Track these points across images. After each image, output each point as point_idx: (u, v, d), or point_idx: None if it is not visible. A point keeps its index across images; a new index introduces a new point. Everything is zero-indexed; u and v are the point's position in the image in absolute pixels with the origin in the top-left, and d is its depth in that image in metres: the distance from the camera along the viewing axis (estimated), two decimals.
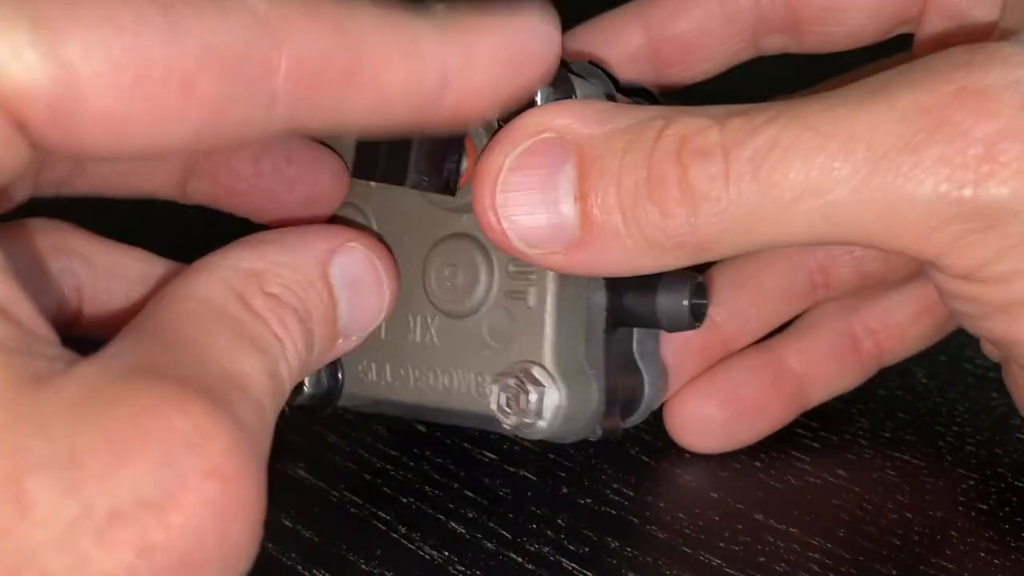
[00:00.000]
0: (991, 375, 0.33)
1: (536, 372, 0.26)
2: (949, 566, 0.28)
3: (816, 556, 0.28)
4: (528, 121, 0.24)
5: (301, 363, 0.22)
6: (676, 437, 0.32)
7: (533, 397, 0.26)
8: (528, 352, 0.26)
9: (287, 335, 0.22)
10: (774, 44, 0.31)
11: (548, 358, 0.26)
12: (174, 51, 0.18)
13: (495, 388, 0.26)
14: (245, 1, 0.18)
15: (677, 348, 0.31)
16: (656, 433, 0.33)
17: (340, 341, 0.25)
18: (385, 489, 0.31)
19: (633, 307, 0.27)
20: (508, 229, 0.24)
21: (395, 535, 0.29)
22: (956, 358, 0.36)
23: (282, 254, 0.23)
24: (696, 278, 0.27)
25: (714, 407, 0.32)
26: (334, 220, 0.29)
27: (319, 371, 0.29)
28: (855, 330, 0.33)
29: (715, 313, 0.32)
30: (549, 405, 0.26)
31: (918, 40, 0.30)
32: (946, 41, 0.29)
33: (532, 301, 0.26)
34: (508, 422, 0.26)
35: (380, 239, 0.28)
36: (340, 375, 0.29)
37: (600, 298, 0.27)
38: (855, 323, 0.33)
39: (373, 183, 0.28)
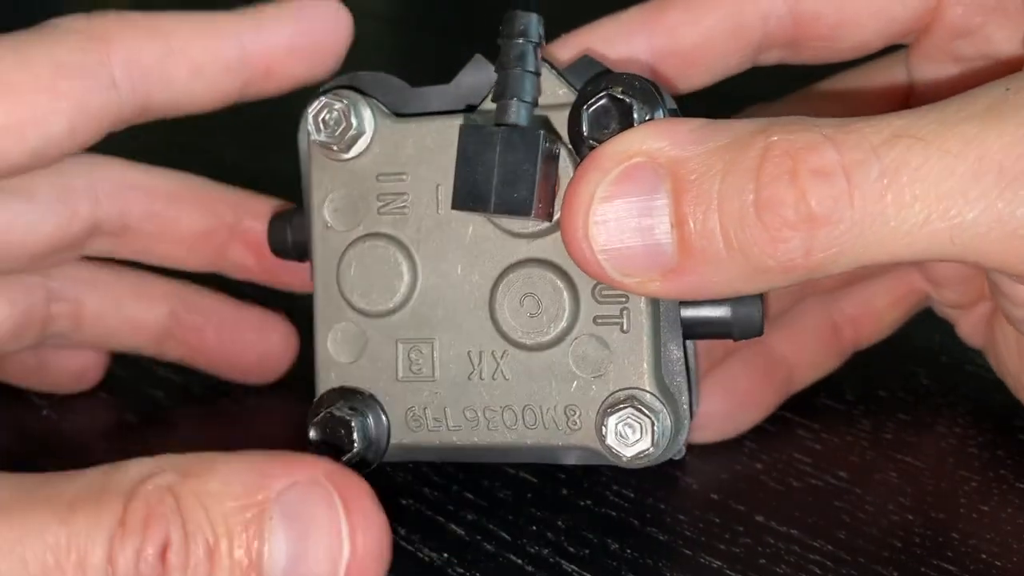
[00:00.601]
0: (993, 376, 0.33)
1: (648, 399, 0.25)
2: (951, 568, 0.28)
3: (817, 558, 0.28)
4: (617, 147, 0.23)
5: None
6: None
7: (656, 426, 0.25)
8: (630, 379, 0.25)
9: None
10: (771, 57, 0.31)
11: (652, 383, 0.25)
12: (30, 73, 0.26)
13: (611, 420, 0.25)
14: (71, 27, 0.27)
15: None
16: None
17: None
18: (384, 490, 0.31)
19: (707, 319, 0.26)
20: (602, 259, 0.23)
21: (394, 536, 0.29)
22: (958, 360, 0.36)
23: (225, 465, 0.22)
24: None
25: (716, 401, 0.32)
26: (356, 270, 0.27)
27: (366, 424, 0.26)
28: (836, 318, 0.34)
29: None
30: (662, 431, 0.25)
31: (917, 53, 0.30)
32: (952, 65, 0.30)
33: (627, 325, 0.25)
34: (627, 453, 0.25)
35: (357, 474, 0.23)
36: (387, 425, 0.27)
37: (676, 313, 0.26)
38: (836, 312, 0.34)
39: (411, 214, 0.27)
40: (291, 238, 0.29)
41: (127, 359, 0.36)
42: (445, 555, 0.28)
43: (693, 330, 0.26)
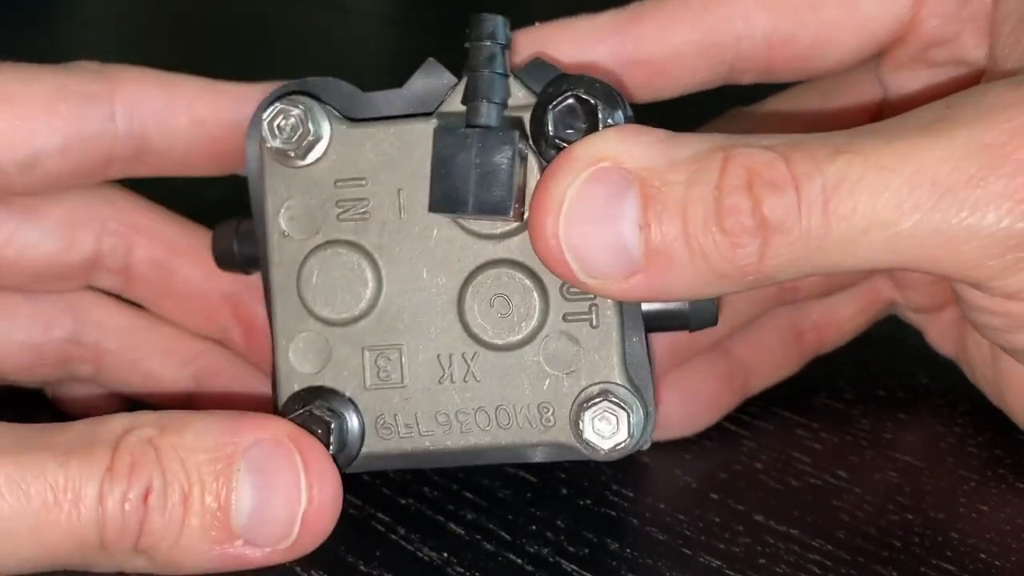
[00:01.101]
0: None
1: (620, 392, 0.26)
2: (950, 568, 0.28)
3: (816, 558, 0.28)
4: (588, 150, 0.23)
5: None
6: None
7: (632, 417, 0.25)
8: (601, 373, 0.26)
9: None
10: (746, 79, 0.31)
11: (622, 376, 0.26)
12: (37, 87, 0.28)
13: (587, 415, 0.25)
14: (85, 66, 0.29)
15: (656, 350, 0.32)
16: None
17: (239, 543, 0.24)
18: (384, 490, 0.31)
19: (667, 312, 0.27)
20: (571, 259, 0.23)
21: (394, 536, 0.29)
22: None
23: (198, 422, 0.24)
24: None
25: (675, 403, 0.33)
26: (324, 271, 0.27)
27: (343, 426, 0.26)
28: (800, 324, 0.35)
29: None
30: (636, 423, 0.26)
31: (889, 63, 0.31)
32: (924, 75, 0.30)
33: (596, 321, 0.26)
34: (605, 446, 0.25)
35: (319, 441, 0.25)
36: (361, 431, 0.27)
37: (638, 307, 0.27)
38: (800, 318, 0.35)
39: (372, 220, 0.26)
40: (238, 250, 0.28)
41: None
42: (445, 554, 0.28)
43: (653, 323, 0.27)
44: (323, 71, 0.28)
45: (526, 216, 0.25)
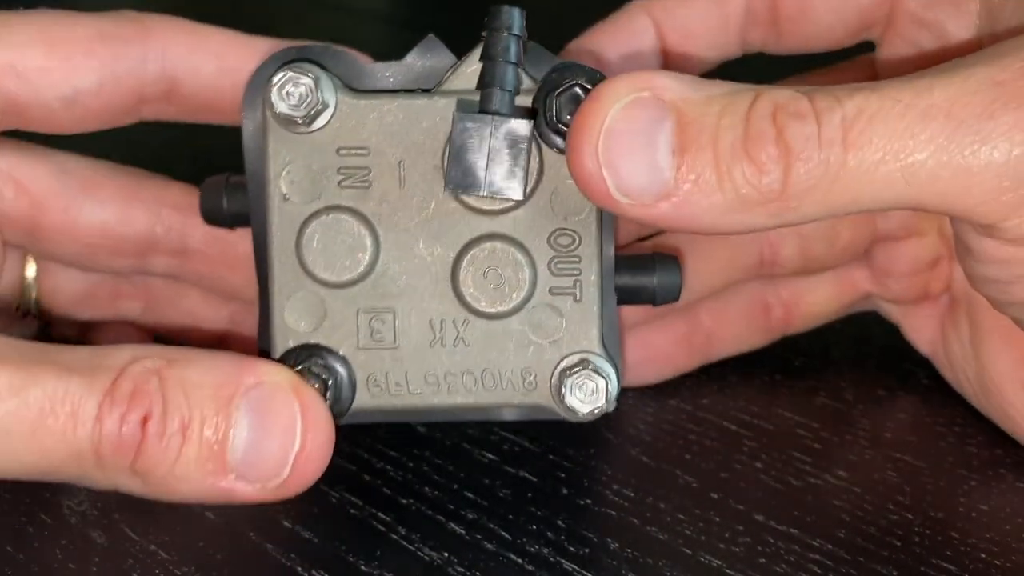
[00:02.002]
0: None
1: (598, 361, 0.28)
2: (950, 567, 0.28)
3: (816, 557, 0.28)
4: (628, 79, 0.25)
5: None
6: None
7: (609, 384, 0.27)
8: (580, 343, 0.28)
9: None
10: (756, 40, 0.33)
11: (600, 346, 0.28)
12: (78, 30, 0.29)
13: (568, 381, 0.27)
14: (122, 13, 0.30)
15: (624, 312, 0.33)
16: (656, 434, 0.33)
17: (232, 477, 0.25)
18: (385, 490, 0.31)
19: (637, 286, 0.29)
20: (607, 175, 0.24)
21: (395, 536, 0.29)
22: None
23: (206, 359, 0.25)
24: (677, 258, 0.30)
25: (630, 351, 0.34)
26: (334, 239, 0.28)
27: (339, 383, 0.28)
28: (768, 299, 0.36)
29: None
30: (612, 388, 0.28)
31: (881, 50, 0.32)
32: (916, 57, 0.31)
33: (579, 295, 0.28)
34: (583, 410, 0.28)
35: (314, 389, 0.26)
36: (354, 388, 0.28)
37: (612, 281, 0.28)
38: (770, 293, 0.36)
39: (373, 188, 0.27)
40: (227, 206, 0.29)
41: None
42: (446, 554, 0.28)
43: (622, 296, 0.29)
44: None
45: (529, 188, 0.27)
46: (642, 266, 0.29)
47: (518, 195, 0.26)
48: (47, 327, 0.35)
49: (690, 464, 0.32)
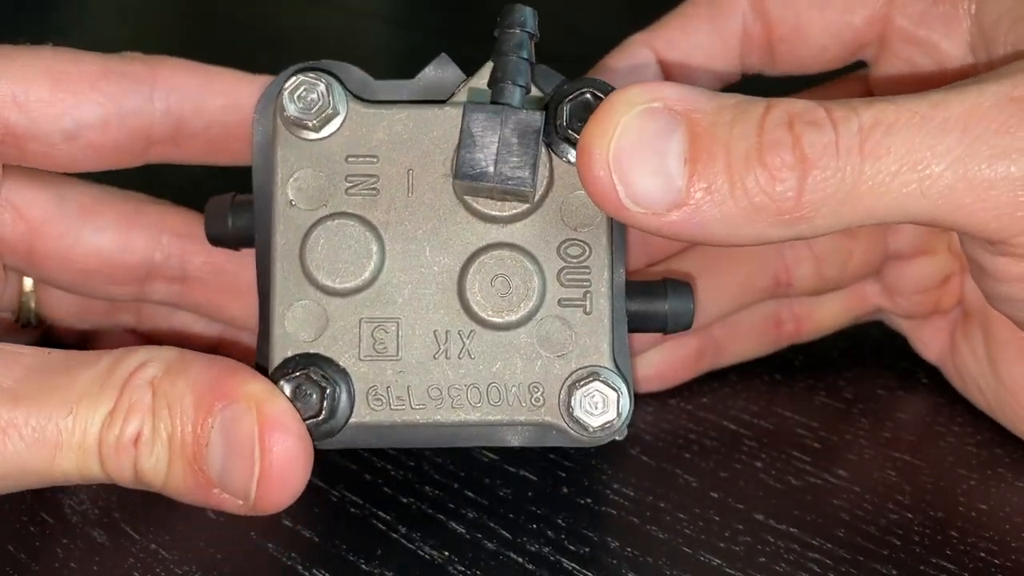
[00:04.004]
0: None
1: (610, 375, 0.27)
2: (950, 566, 0.28)
3: (816, 556, 0.28)
4: (640, 88, 0.25)
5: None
6: None
7: (621, 398, 0.27)
8: (591, 358, 0.27)
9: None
10: (753, 63, 0.33)
11: (611, 361, 0.27)
12: (83, 66, 0.29)
13: (578, 394, 0.27)
14: (128, 54, 0.30)
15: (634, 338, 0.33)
16: (656, 433, 0.33)
17: (215, 491, 0.25)
18: (385, 489, 0.31)
19: (648, 312, 0.28)
20: (619, 183, 0.24)
21: (395, 535, 0.29)
22: None
23: (199, 367, 0.26)
24: (689, 285, 0.29)
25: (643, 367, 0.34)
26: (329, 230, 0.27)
27: (336, 395, 0.27)
28: (781, 314, 0.36)
29: None
30: (624, 404, 0.27)
31: (875, 69, 0.32)
32: (910, 75, 0.31)
33: (589, 308, 0.27)
34: (594, 423, 0.27)
35: (296, 410, 0.26)
36: (352, 402, 0.27)
37: (623, 304, 0.28)
38: (783, 309, 0.36)
39: (381, 196, 0.27)
40: (232, 224, 0.29)
41: None
42: (446, 553, 0.29)
43: (633, 323, 0.28)
44: None
45: (538, 197, 0.27)
46: (653, 292, 0.29)
47: (528, 185, 0.25)
48: (49, 331, 0.35)
49: (690, 464, 0.32)
